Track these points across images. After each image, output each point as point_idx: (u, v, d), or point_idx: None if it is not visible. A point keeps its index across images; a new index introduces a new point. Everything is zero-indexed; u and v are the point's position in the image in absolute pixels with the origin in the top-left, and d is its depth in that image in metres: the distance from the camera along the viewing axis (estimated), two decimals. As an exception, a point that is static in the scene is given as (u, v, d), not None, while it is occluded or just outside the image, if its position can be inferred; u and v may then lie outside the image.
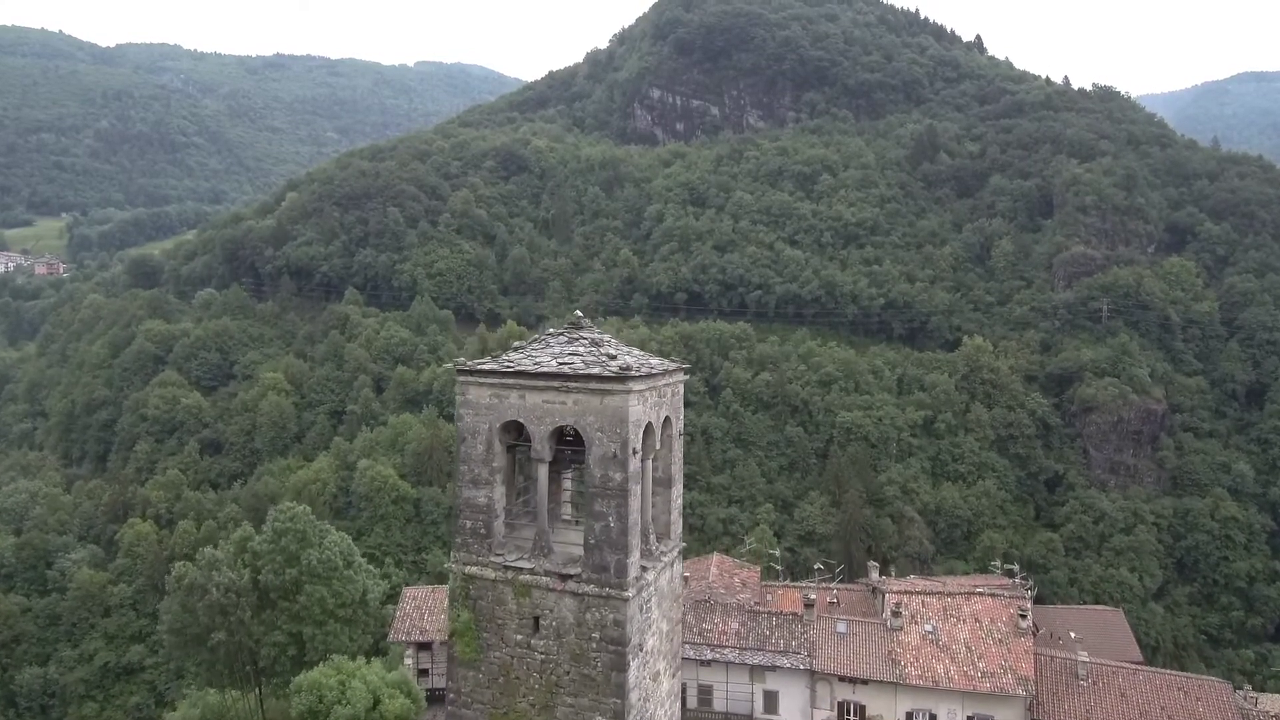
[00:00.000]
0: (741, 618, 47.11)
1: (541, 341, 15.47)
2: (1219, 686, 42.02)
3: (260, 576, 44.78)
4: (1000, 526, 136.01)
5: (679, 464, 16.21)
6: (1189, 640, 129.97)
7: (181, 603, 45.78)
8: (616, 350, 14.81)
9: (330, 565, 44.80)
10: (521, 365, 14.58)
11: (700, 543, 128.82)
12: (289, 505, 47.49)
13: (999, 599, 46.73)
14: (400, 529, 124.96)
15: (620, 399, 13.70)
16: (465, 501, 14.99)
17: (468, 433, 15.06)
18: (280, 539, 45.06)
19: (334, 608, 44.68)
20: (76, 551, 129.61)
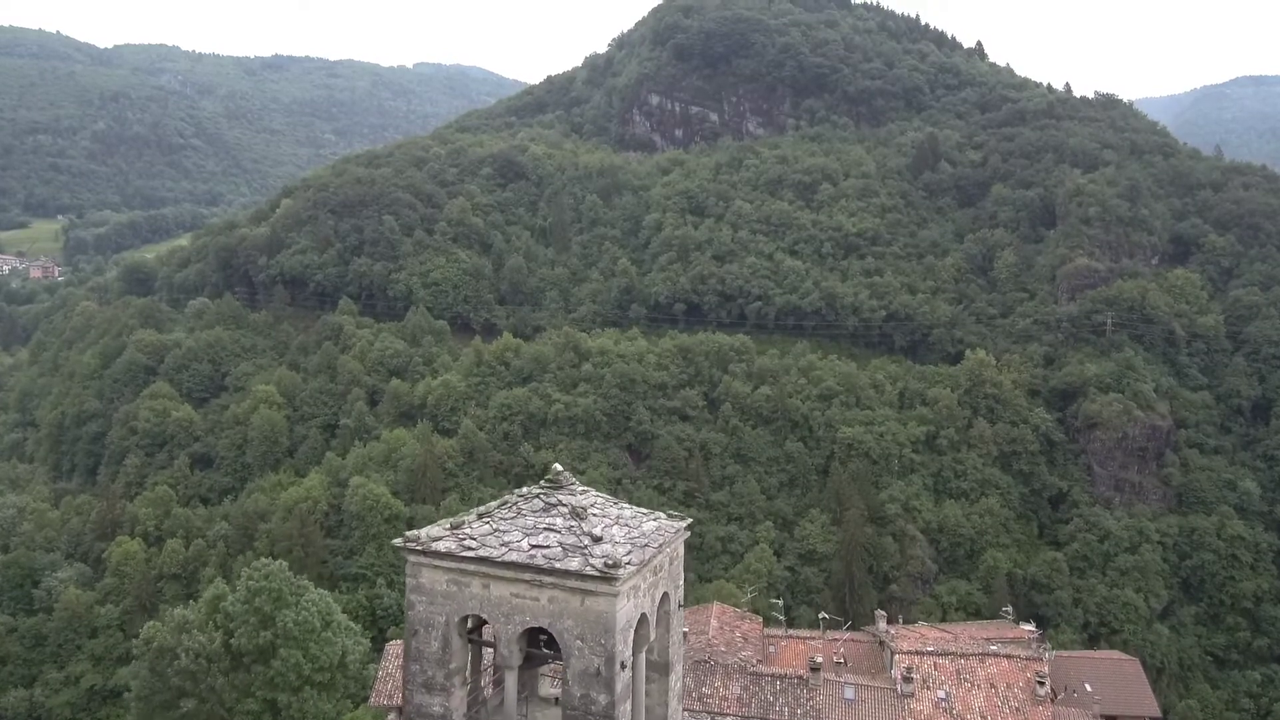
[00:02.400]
0: (743, 681, 44.63)
1: (511, 508, 12.87)
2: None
3: (233, 640, 42.33)
4: (1004, 545, 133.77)
5: (679, 644, 13.62)
6: (1195, 661, 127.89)
7: (150, 667, 43.35)
8: (604, 525, 12.21)
9: (307, 627, 42.41)
10: (485, 548, 12.00)
11: (699, 561, 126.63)
12: (264, 562, 45.07)
13: (1015, 661, 44.29)
14: (392, 549, 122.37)
15: (606, 601, 11.21)
16: (416, 709, 12.41)
17: (420, 625, 12.49)
18: (254, 599, 42.64)
19: (311, 673, 42.25)
20: (63, 570, 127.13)
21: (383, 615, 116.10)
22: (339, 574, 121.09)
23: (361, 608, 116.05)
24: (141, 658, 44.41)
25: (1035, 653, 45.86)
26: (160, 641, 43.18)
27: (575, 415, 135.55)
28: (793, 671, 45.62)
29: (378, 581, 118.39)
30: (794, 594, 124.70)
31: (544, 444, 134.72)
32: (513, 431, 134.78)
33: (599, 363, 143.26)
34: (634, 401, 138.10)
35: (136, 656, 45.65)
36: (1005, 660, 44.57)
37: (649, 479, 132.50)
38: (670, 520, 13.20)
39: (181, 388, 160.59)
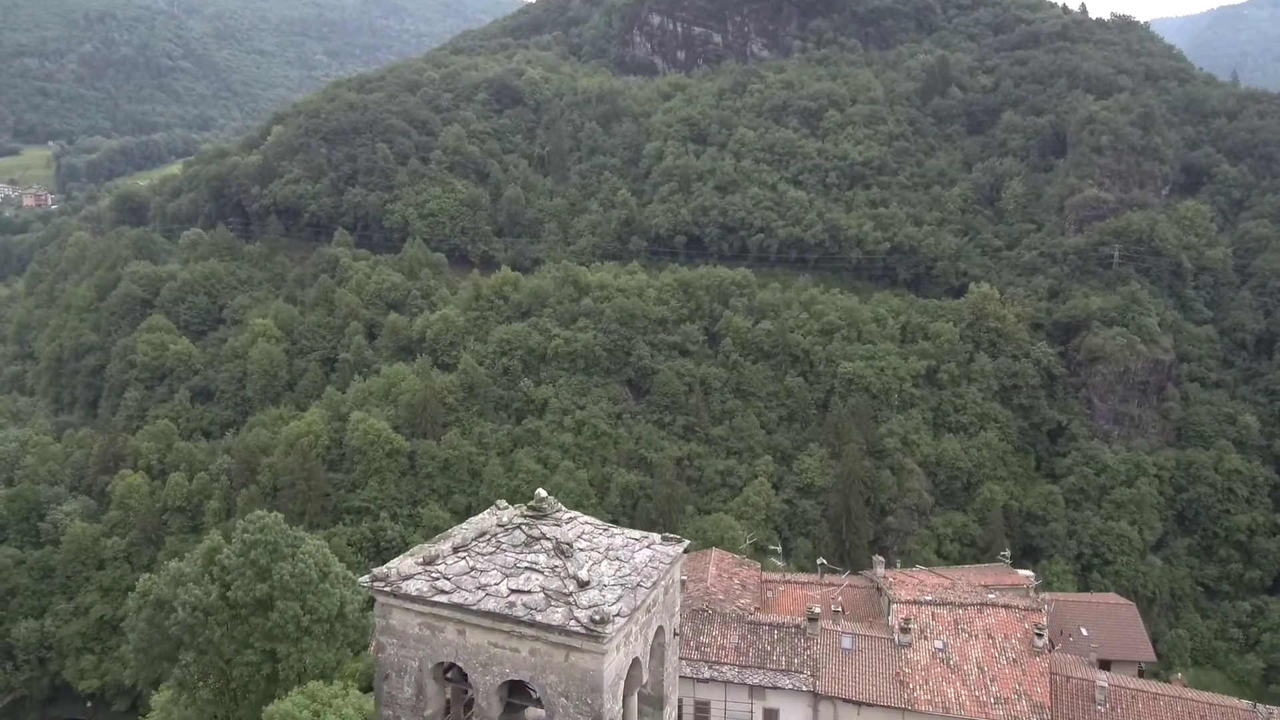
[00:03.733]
0: (741, 630, 44.78)
1: (490, 542, 11.76)
2: (1245, 715, 39.87)
3: (230, 592, 42.24)
4: (1000, 478, 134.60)
5: (674, 676, 12.74)
6: (1185, 592, 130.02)
7: (148, 619, 43.37)
8: (590, 564, 11.14)
9: (304, 579, 42.26)
10: (460, 591, 10.97)
11: (698, 494, 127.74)
12: (259, 514, 44.65)
13: (1013, 612, 44.30)
14: (395, 483, 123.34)
15: (593, 659, 10.29)
16: None
17: (391, 669, 11.58)
18: (250, 551, 42.38)
19: (309, 624, 42.29)
20: (68, 503, 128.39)
21: (386, 548, 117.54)
22: (342, 507, 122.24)
23: (366, 540, 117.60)
24: (139, 611, 44.46)
25: (1034, 603, 45.89)
26: (157, 594, 43.19)
27: (575, 351, 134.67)
28: (790, 620, 45.76)
29: (381, 515, 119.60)
30: (791, 526, 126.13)
31: (544, 379, 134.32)
32: (512, 367, 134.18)
33: (599, 297, 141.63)
34: (634, 337, 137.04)
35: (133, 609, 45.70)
36: (1004, 611, 44.60)
37: (649, 414, 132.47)
38: (665, 545, 12.20)
39: (179, 320, 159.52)
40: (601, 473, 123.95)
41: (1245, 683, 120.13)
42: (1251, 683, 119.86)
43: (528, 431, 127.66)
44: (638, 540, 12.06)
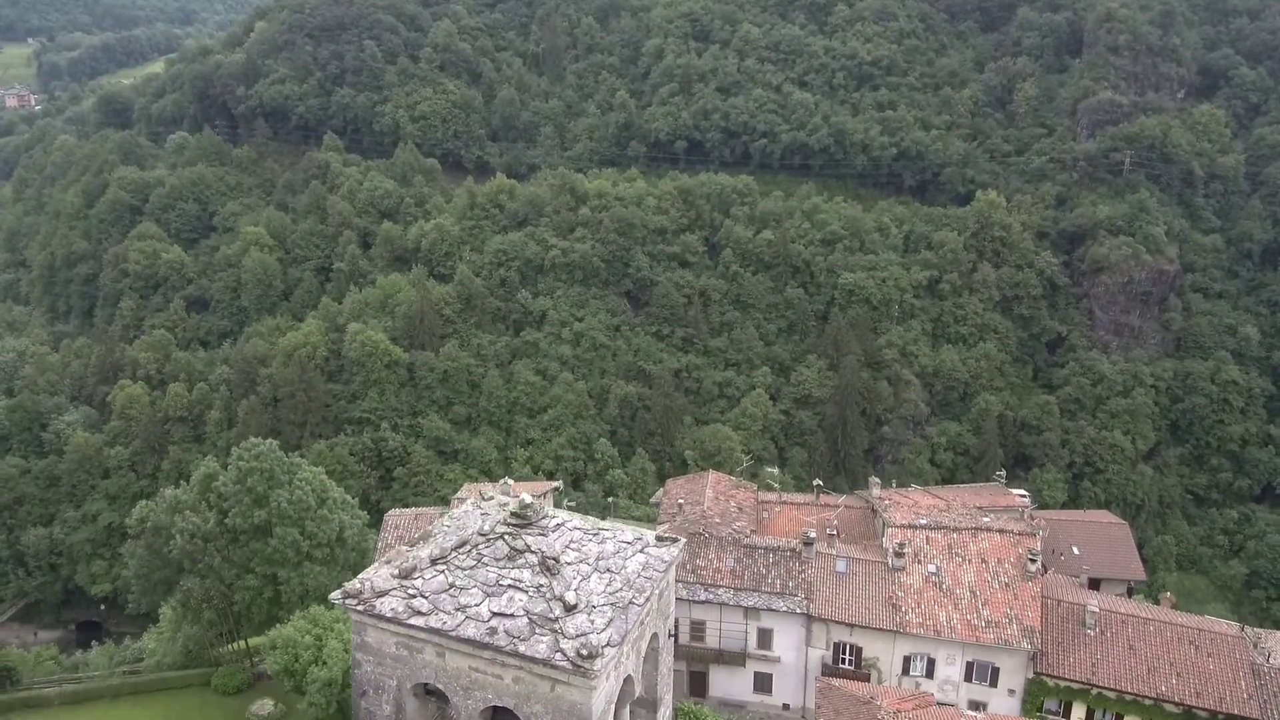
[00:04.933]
0: (737, 553, 45.22)
1: (471, 554, 10.97)
2: (1233, 641, 40.58)
3: (228, 519, 42.31)
4: (997, 389, 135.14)
5: (667, 679, 12.30)
6: (1174, 499, 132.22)
7: (147, 546, 43.59)
8: (579, 580, 10.41)
9: (302, 506, 42.26)
10: (438, 613, 10.24)
11: (696, 405, 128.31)
12: (253, 441, 44.27)
13: (1007, 537, 44.61)
14: (394, 394, 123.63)
15: (580, 692, 9.70)
16: None
17: (369, 686, 10.97)
18: (246, 479, 42.24)
19: (309, 549, 42.55)
20: (69, 414, 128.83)
21: (388, 457, 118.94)
22: (343, 418, 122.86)
23: (368, 450, 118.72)
24: (137, 538, 44.69)
25: (1028, 527, 46.17)
26: (154, 521, 43.35)
27: (573, 262, 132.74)
28: (786, 544, 46.15)
29: (381, 425, 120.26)
30: (788, 437, 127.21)
31: (541, 290, 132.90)
32: (509, 278, 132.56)
33: (596, 206, 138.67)
34: (633, 247, 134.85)
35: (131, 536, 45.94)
36: (998, 535, 44.90)
37: (647, 325, 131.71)
38: (659, 548, 11.53)
39: (169, 228, 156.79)
40: (600, 384, 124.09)
41: (1228, 587, 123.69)
42: (1234, 587, 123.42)
43: (526, 343, 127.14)
44: (630, 544, 11.39)
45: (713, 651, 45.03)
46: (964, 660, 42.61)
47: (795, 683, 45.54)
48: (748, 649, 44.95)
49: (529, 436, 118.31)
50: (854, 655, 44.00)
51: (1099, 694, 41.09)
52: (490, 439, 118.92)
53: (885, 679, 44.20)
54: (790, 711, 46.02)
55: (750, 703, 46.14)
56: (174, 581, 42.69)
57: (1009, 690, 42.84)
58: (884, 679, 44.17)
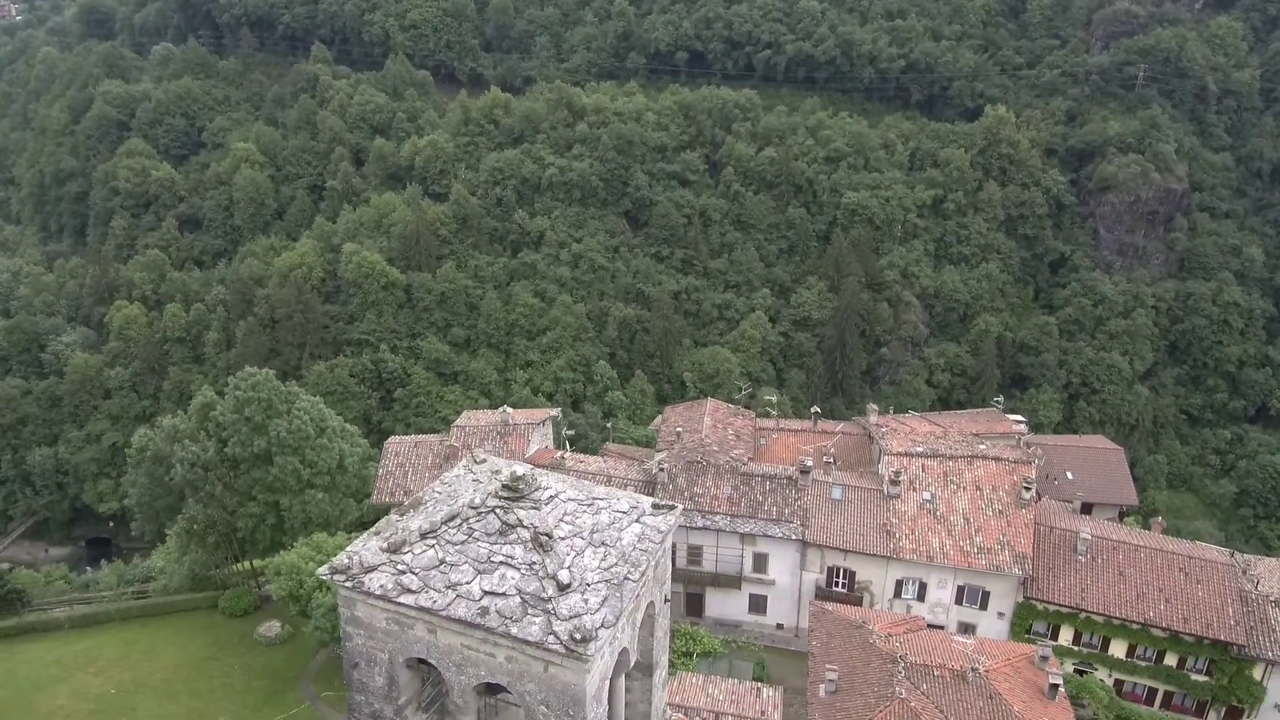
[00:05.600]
0: (734, 481, 45.59)
1: (461, 528, 10.66)
2: (1222, 568, 41.27)
3: (227, 449, 42.45)
4: (997, 309, 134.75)
5: (664, 640, 12.25)
6: (1169, 419, 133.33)
7: (148, 474, 43.86)
8: (573, 555, 10.14)
9: (301, 435, 42.35)
10: (428, 591, 10.01)
11: (695, 327, 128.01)
12: (251, 371, 44.03)
13: (1003, 464, 44.90)
14: (393, 315, 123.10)
15: (574, 673, 9.59)
16: None
17: (360, 658, 10.88)
18: (244, 408, 42.20)
19: (310, 478, 42.85)
20: (67, 334, 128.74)
21: (388, 378, 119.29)
22: (342, 339, 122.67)
23: (367, 371, 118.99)
24: (137, 466, 44.92)
25: (1024, 455, 46.42)
26: (154, 450, 43.49)
27: (570, 181, 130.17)
28: (782, 471, 46.51)
29: (380, 347, 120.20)
30: (786, 359, 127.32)
31: (539, 210, 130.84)
32: (506, 197, 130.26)
33: (595, 122, 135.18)
34: (632, 166, 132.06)
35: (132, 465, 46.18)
36: (993, 463, 45.20)
37: (646, 247, 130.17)
38: (656, 516, 11.27)
39: (157, 144, 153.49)
40: (599, 306, 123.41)
41: (1216, 505, 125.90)
42: (1222, 505, 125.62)
43: (524, 265, 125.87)
44: (625, 514, 11.15)
45: (709, 575, 45.91)
46: (955, 584, 43.46)
47: (789, 604, 46.60)
48: (743, 573, 45.82)
49: (528, 358, 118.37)
50: (847, 579, 44.87)
51: (1087, 618, 42.05)
52: (489, 361, 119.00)
53: (878, 602, 45.21)
54: (784, 630, 47.22)
55: (745, 622, 47.31)
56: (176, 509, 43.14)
57: (998, 613, 43.84)
58: (876, 602, 45.18)
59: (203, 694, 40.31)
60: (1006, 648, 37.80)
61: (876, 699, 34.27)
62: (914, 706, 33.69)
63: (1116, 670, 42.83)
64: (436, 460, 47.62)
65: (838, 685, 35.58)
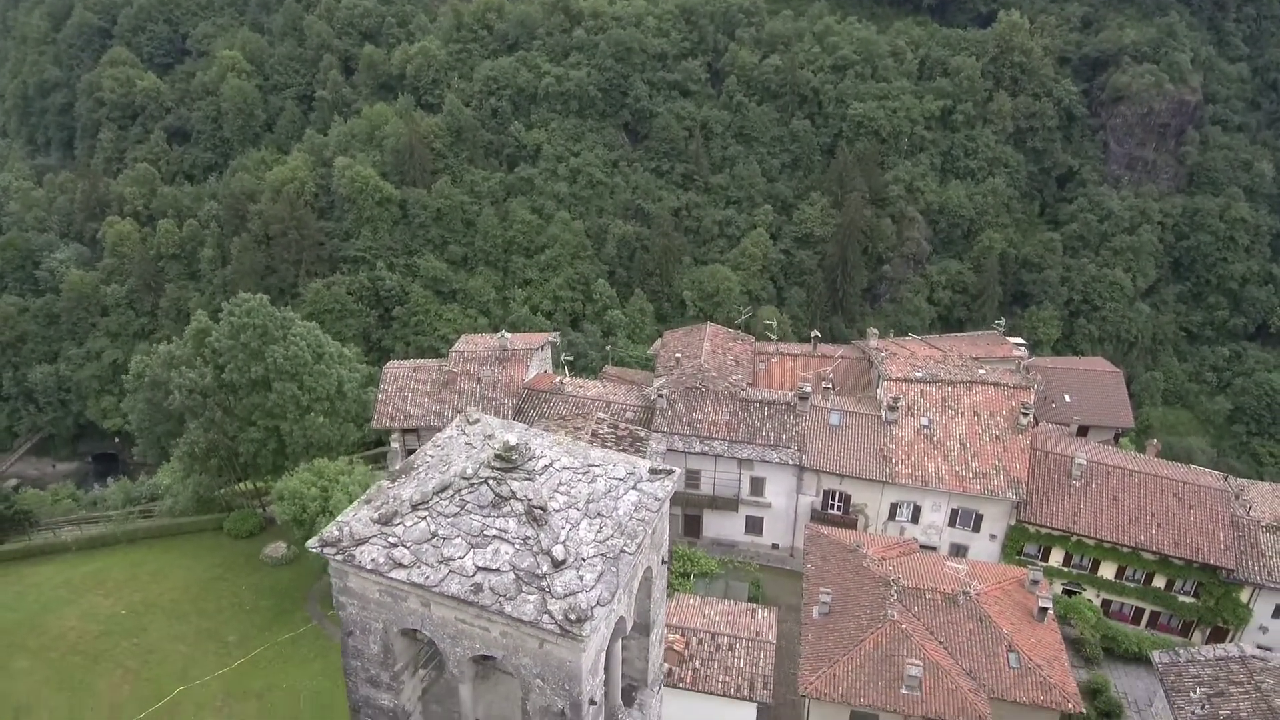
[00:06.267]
0: (733, 407, 45.64)
1: (454, 500, 10.33)
2: (1215, 493, 41.67)
3: (225, 374, 42.27)
4: (1002, 225, 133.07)
5: (661, 602, 12.17)
6: (1168, 336, 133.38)
7: (147, 400, 43.78)
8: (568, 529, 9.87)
9: (298, 361, 42.09)
10: (420, 565, 9.75)
11: (695, 244, 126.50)
12: (245, 297, 43.46)
13: (1002, 390, 44.87)
14: (388, 232, 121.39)
15: (569, 650, 9.48)
16: (364, 700, 11.11)
17: (354, 627, 10.76)
18: (240, 335, 41.81)
19: (309, 403, 42.82)
20: (61, 251, 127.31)
21: (386, 297, 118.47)
22: (338, 256, 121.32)
23: (364, 289, 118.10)
24: (136, 392, 44.80)
25: (1023, 381, 46.32)
26: (151, 376, 43.29)
27: (568, 90, 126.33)
28: (781, 397, 46.52)
29: (377, 264, 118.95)
30: (787, 277, 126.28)
31: (535, 122, 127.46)
32: (501, 108, 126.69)
33: (592, 28, 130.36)
34: (631, 75, 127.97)
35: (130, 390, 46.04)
36: (992, 389, 45.15)
37: (646, 161, 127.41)
38: (653, 482, 11.01)
39: (141, 53, 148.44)
40: (598, 224, 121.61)
41: (1210, 421, 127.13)
42: (1216, 422, 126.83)
43: (521, 180, 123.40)
44: (622, 480, 10.90)
45: (707, 498, 46.47)
46: (949, 508, 44.01)
47: (785, 525, 47.32)
48: (740, 495, 46.36)
49: (526, 277, 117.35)
50: (843, 502, 45.41)
51: (1078, 540, 42.73)
52: (487, 279, 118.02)
53: (872, 523, 45.89)
54: (779, 550, 48.09)
55: (741, 543, 48.13)
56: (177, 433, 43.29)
57: (990, 535, 44.54)
58: (871, 523, 45.86)
59: (211, 614, 41.36)
60: (998, 571, 38.50)
61: (869, 620, 35.08)
62: (905, 628, 34.51)
63: (1105, 591, 43.80)
64: (435, 385, 47.58)
65: (831, 607, 36.37)
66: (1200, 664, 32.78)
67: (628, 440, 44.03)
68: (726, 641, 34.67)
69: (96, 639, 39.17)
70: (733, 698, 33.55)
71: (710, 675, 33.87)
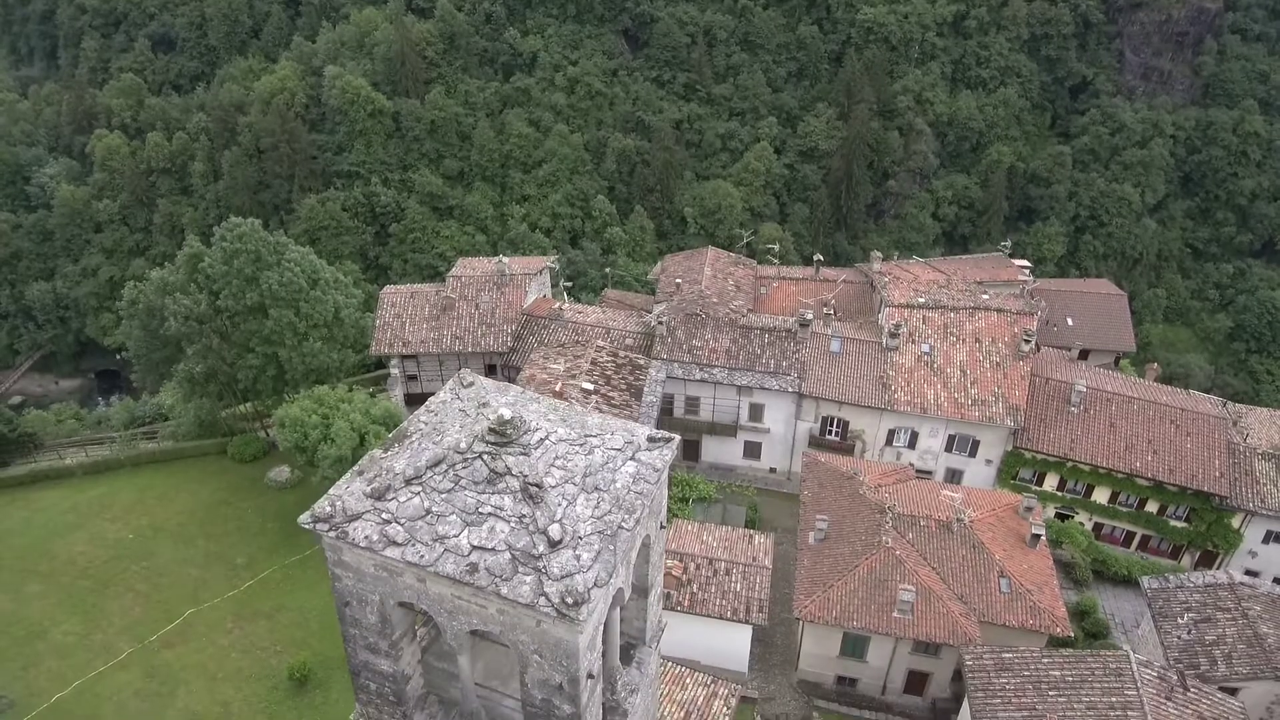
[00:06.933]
0: (733, 334, 45.36)
1: (448, 475, 10.00)
2: (1213, 421, 41.76)
3: (219, 301, 41.80)
4: (1011, 138, 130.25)
5: (659, 565, 12.08)
6: (1173, 253, 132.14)
7: (142, 327, 43.42)
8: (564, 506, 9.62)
9: (293, 287, 41.54)
10: (415, 543, 9.50)
11: (697, 159, 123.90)
12: (236, 222, 42.54)
13: (1005, 316, 44.50)
14: (382, 145, 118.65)
15: (566, 630, 9.40)
16: (363, 664, 11.11)
17: (351, 598, 10.65)
18: (233, 260, 41.16)
19: (306, 330, 42.49)
20: (50, 165, 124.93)
21: (382, 213, 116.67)
22: (331, 171, 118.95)
23: (360, 205, 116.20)
24: (130, 319, 44.39)
25: (1028, 306, 45.88)
26: (145, 303, 42.82)
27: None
28: (782, 324, 46.20)
29: (372, 179, 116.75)
30: (790, 192, 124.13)
31: (531, 28, 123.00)
32: (495, 13, 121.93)
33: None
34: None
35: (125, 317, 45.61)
36: (995, 314, 44.77)
37: (646, 70, 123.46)
38: (651, 451, 10.75)
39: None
40: (597, 137, 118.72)
41: (1210, 339, 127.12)
42: (1215, 339, 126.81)
43: (517, 90, 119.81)
44: (620, 450, 10.65)
45: (706, 424, 46.65)
46: (946, 434, 44.23)
47: (783, 450, 47.67)
48: (739, 421, 46.53)
49: (524, 193, 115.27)
50: (841, 428, 45.63)
51: (1073, 466, 43.09)
52: (485, 195, 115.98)
53: (869, 449, 46.22)
54: (776, 474, 48.60)
55: (739, 467, 48.60)
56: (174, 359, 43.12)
57: (986, 460, 44.91)
58: (868, 449, 46.19)
59: (219, 537, 42.08)
60: (992, 498, 38.95)
61: (863, 546, 35.67)
62: (898, 554, 35.12)
63: (1097, 515, 44.44)
64: (434, 311, 47.19)
65: (827, 533, 36.93)
66: (1189, 590, 33.56)
67: (628, 369, 44.08)
68: (724, 567, 35.36)
69: (106, 563, 39.96)
70: (729, 620, 34.43)
71: (708, 599, 34.67)
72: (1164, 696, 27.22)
